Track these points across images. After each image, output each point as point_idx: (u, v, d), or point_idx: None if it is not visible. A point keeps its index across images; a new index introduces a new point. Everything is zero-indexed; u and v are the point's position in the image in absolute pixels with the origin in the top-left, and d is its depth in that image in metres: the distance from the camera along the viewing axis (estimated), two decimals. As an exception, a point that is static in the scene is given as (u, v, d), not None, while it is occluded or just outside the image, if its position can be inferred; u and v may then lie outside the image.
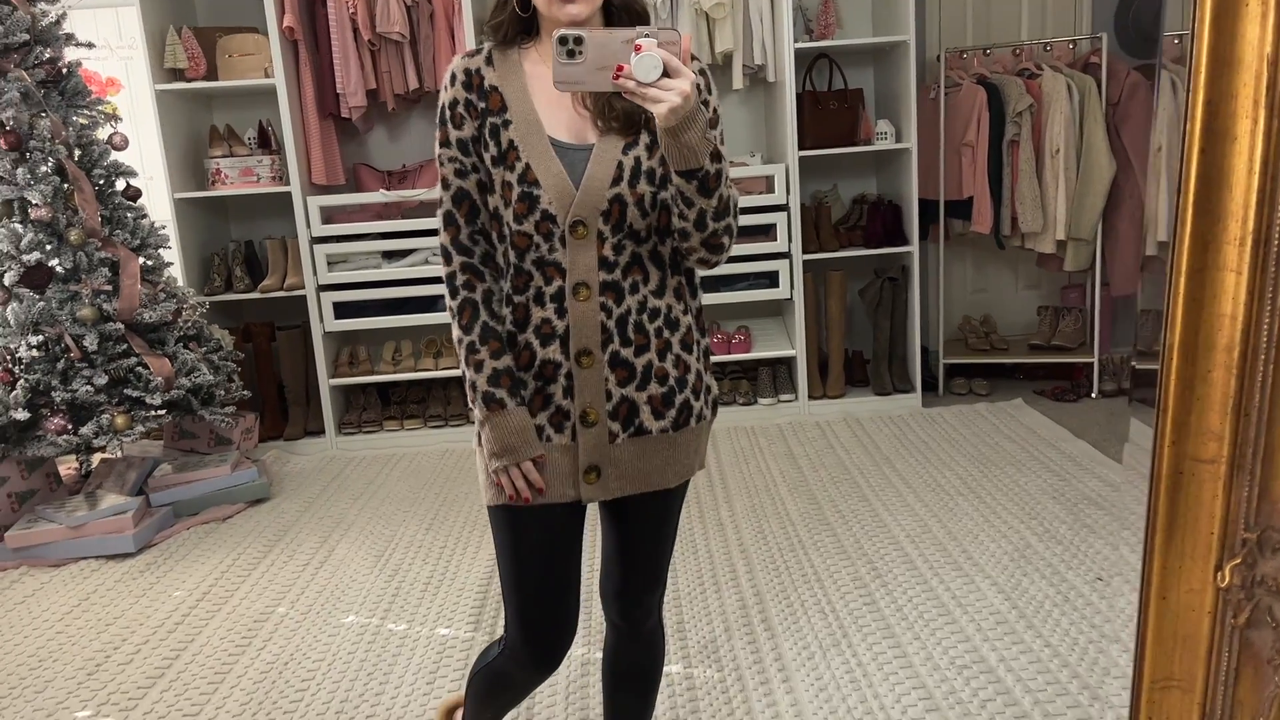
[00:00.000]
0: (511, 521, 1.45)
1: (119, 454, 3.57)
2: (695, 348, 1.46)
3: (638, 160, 1.37)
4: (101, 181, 3.48)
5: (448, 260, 1.41)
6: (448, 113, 1.40)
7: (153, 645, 2.53)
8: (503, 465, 1.38)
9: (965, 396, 4.38)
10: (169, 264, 3.64)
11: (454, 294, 1.40)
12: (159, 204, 4.04)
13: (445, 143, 1.40)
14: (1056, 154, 4.08)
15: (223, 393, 3.62)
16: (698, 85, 1.24)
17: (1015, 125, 4.12)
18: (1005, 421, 3.94)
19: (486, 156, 1.38)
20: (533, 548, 1.45)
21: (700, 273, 1.49)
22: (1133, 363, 4.25)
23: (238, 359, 3.82)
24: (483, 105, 1.38)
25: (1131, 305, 4.70)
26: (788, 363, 4.38)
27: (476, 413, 1.40)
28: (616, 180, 1.35)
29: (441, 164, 1.40)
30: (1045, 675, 2.14)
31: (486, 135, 1.37)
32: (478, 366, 1.38)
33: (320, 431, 4.20)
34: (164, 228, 3.68)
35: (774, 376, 4.35)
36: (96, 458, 3.71)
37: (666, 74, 1.17)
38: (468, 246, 1.41)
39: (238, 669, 2.39)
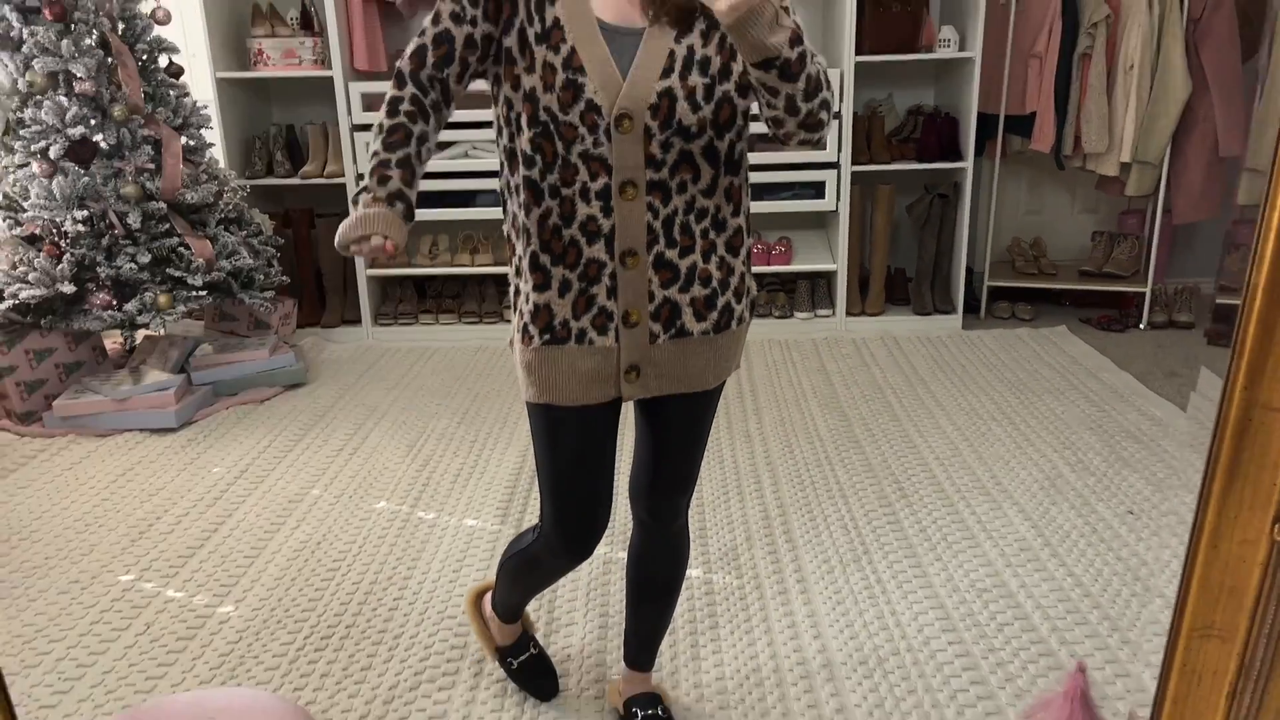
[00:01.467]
0: (550, 419, 1.46)
1: (162, 332, 3.63)
2: (740, 250, 1.43)
3: (690, 49, 1.29)
4: (144, 57, 3.45)
5: (399, 85, 1.34)
6: None
7: (193, 518, 2.61)
8: (353, 239, 1.27)
9: (1008, 320, 4.29)
10: (210, 145, 3.62)
11: (392, 114, 1.33)
12: (201, 83, 4.00)
13: None
14: (1130, 70, 3.88)
15: (262, 277, 3.65)
16: None
17: (1089, 37, 3.92)
18: (1047, 349, 3.87)
19: (516, 32, 1.29)
20: (570, 444, 1.46)
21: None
22: (1216, 298, 4.13)
23: (277, 244, 3.83)
24: None
25: (1192, 234, 4.55)
26: (827, 277, 4.31)
27: (353, 211, 1.30)
28: (667, 71, 1.28)
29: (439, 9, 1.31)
30: (1066, 604, 2.14)
31: (531, 7, 1.29)
32: (382, 179, 1.30)
33: (357, 321, 4.23)
34: (205, 108, 3.65)
35: (813, 290, 4.29)
36: (140, 334, 3.77)
37: None
38: (424, 85, 1.33)
39: (272, 545, 2.46)
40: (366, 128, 3.98)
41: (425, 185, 4.03)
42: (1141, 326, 4.15)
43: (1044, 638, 2.03)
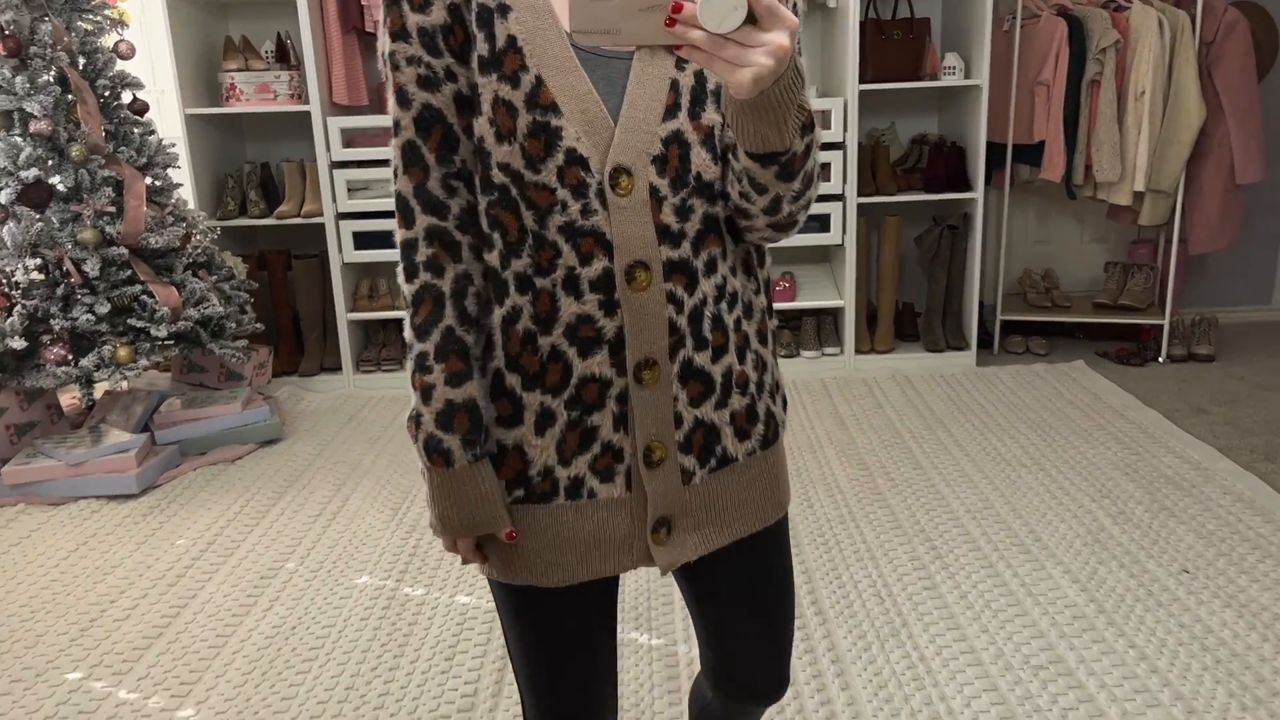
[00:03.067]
0: (525, 601, 1.06)
1: (124, 386, 3.37)
2: (769, 336, 1.10)
3: (699, 76, 0.96)
4: (106, 93, 3.23)
5: (406, 221, 0.96)
6: None
7: (151, 600, 2.35)
8: (447, 537, 1.00)
9: (1022, 356, 4.10)
10: (178, 185, 3.39)
11: (411, 275, 0.96)
12: (169, 120, 3.79)
13: (400, 33, 0.92)
14: (1141, 96, 3.73)
15: (234, 325, 3.40)
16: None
17: (1098, 63, 3.77)
18: (1067, 385, 3.67)
19: (472, 57, 0.93)
20: (555, 635, 1.07)
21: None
22: None
23: (251, 289, 3.59)
24: None
25: (1204, 263, 4.39)
26: (834, 314, 4.11)
27: (419, 457, 0.99)
28: (673, 109, 0.95)
29: (396, 66, 0.93)
30: (1133, 682, 1.91)
31: (472, 24, 0.92)
32: (426, 392, 0.95)
33: (337, 368, 3.99)
34: (173, 146, 3.43)
35: (819, 328, 4.08)
36: (100, 389, 3.52)
37: (751, 17, 0.75)
38: (439, 200, 0.95)
39: (240, 632, 2.20)
40: (346, 164, 3.77)
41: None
42: (1161, 360, 3.96)
43: (1115, 725, 1.80)
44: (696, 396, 1.01)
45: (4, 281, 3.01)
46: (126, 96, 3.30)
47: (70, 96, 3.10)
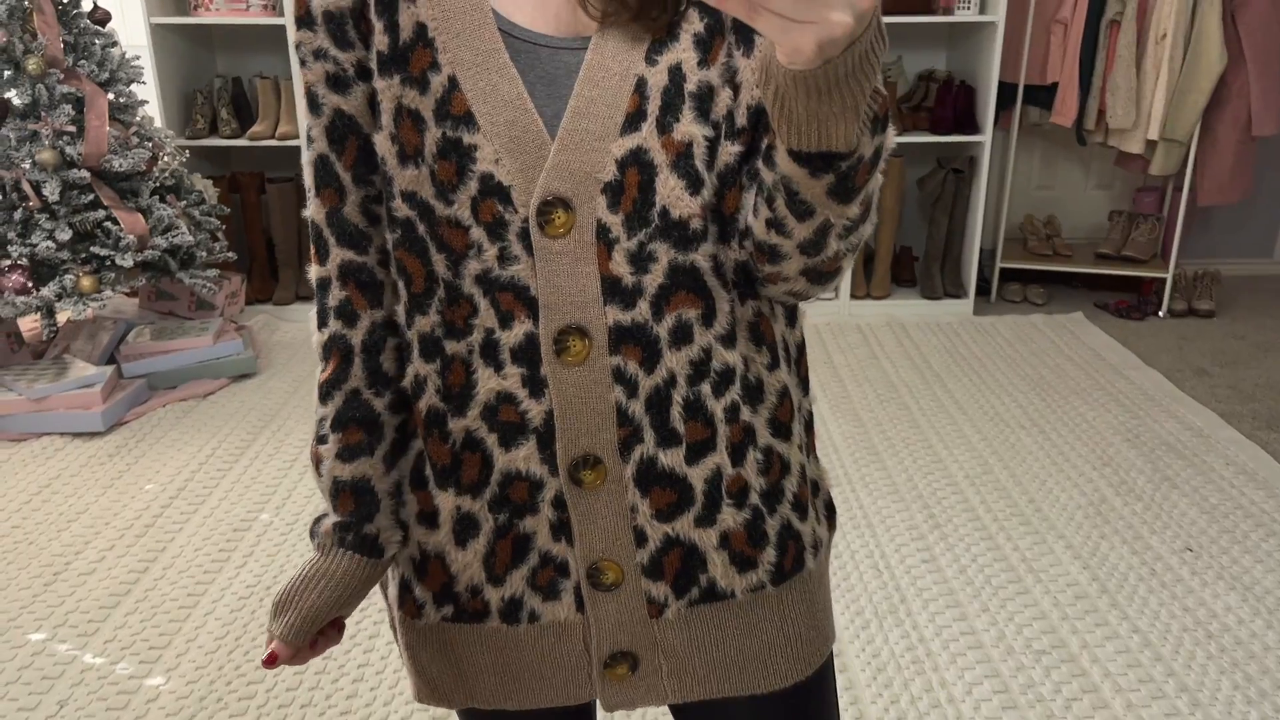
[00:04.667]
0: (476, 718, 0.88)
1: (88, 315, 3.21)
2: (793, 426, 0.81)
3: (677, 71, 0.71)
4: (65, 2, 2.98)
5: (320, 254, 0.79)
6: None
7: (118, 553, 2.25)
8: (278, 622, 0.80)
9: (1020, 305, 4.00)
10: (144, 102, 3.17)
11: (321, 321, 0.80)
12: (133, 30, 3.54)
13: (305, 18, 0.74)
14: (1163, 39, 3.56)
15: (205, 253, 3.23)
16: None
17: (1119, 2, 3.58)
18: (1066, 339, 3.59)
19: (373, 49, 0.74)
20: None
21: None
22: None
23: (223, 214, 3.40)
24: None
25: (1209, 215, 4.28)
26: (830, 256, 3.97)
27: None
28: (635, 117, 0.71)
29: (304, 62, 0.75)
30: (1137, 670, 1.86)
31: (373, 5, 0.73)
32: (317, 466, 0.80)
33: (313, 296, 3.82)
34: (138, 59, 3.20)
35: (814, 270, 3.95)
36: (62, 317, 3.35)
37: None
38: (357, 230, 0.77)
39: (213, 591, 2.11)
40: (322, 84, 3.54)
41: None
42: (1161, 314, 3.88)
43: (1119, 716, 1.75)
44: (667, 508, 0.77)
45: (-44, 203, 2.81)
46: (87, 4, 3.06)
47: (26, 4, 2.86)
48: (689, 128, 0.71)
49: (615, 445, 0.75)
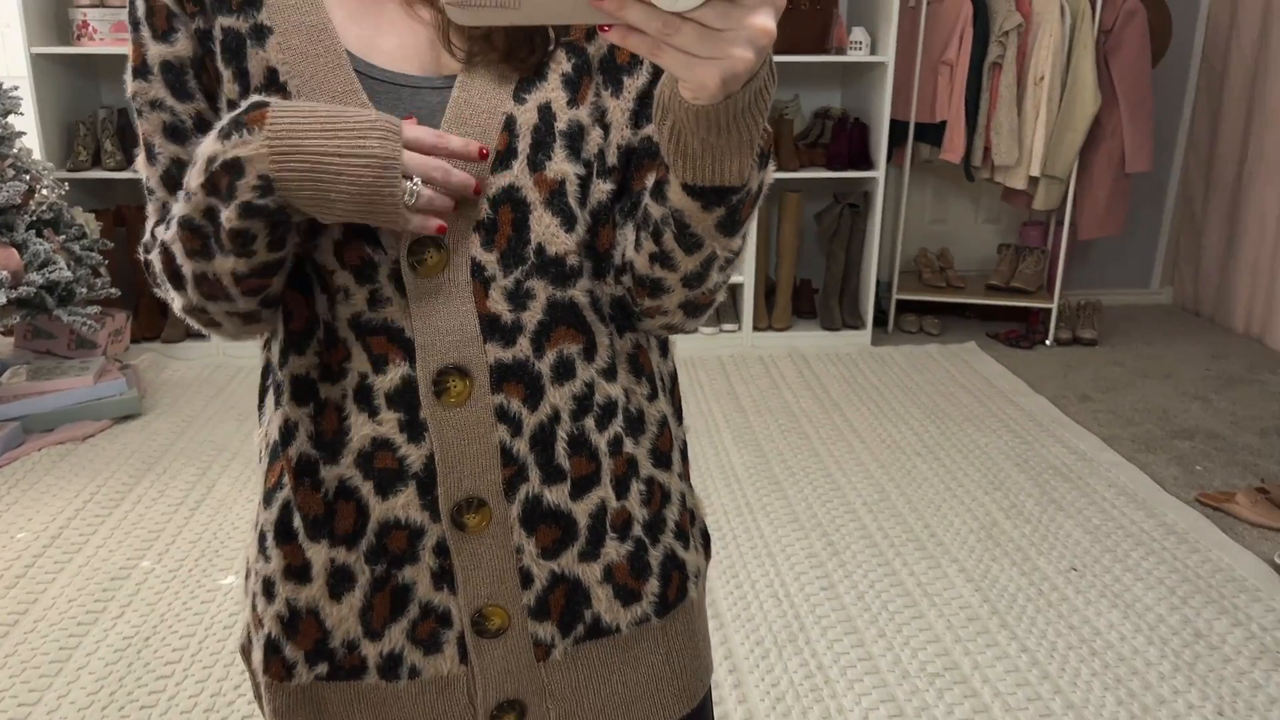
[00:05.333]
0: None
1: (-42, 355, 3.04)
2: (672, 455, 0.82)
3: (547, 109, 0.72)
4: (-68, 25, 2.85)
5: (150, 272, 0.76)
6: (141, 3, 0.71)
7: (-17, 607, 2.12)
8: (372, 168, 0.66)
9: (915, 335, 4.12)
10: (21, 134, 3.04)
11: (155, 273, 0.76)
12: (13, 59, 3.41)
13: (141, 68, 0.72)
14: (1040, 81, 3.74)
15: (85, 289, 3.10)
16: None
17: (1000, 46, 3.76)
18: (959, 368, 3.70)
19: (221, 101, 0.72)
20: None
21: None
22: None
23: (105, 249, 3.28)
24: None
25: (1091, 247, 4.49)
26: (733, 289, 4.03)
27: (199, 177, 0.67)
28: (506, 156, 0.71)
29: (139, 112, 0.73)
30: (1025, 689, 1.91)
31: (219, 54, 0.71)
32: (167, 258, 0.73)
33: (204, 334, 3.70)
34: (16, 89, 3.07)
35: (717, 303, 4.00)
36: (-69, 357, 3.17)
37: None
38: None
39: (87, 644, 2.00)
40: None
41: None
42: (1048, 343, 4.04)
43: (1009, 736, 1.79)
44: (552, 545, 0.76)
45: None
46: (-43, 29, 2.93)
47: (-113, 27, 2.72)
48: (561, 165, 0.72)
49: (500, 486, 0.74)
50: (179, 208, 0.69)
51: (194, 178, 0.67)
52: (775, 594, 2.21)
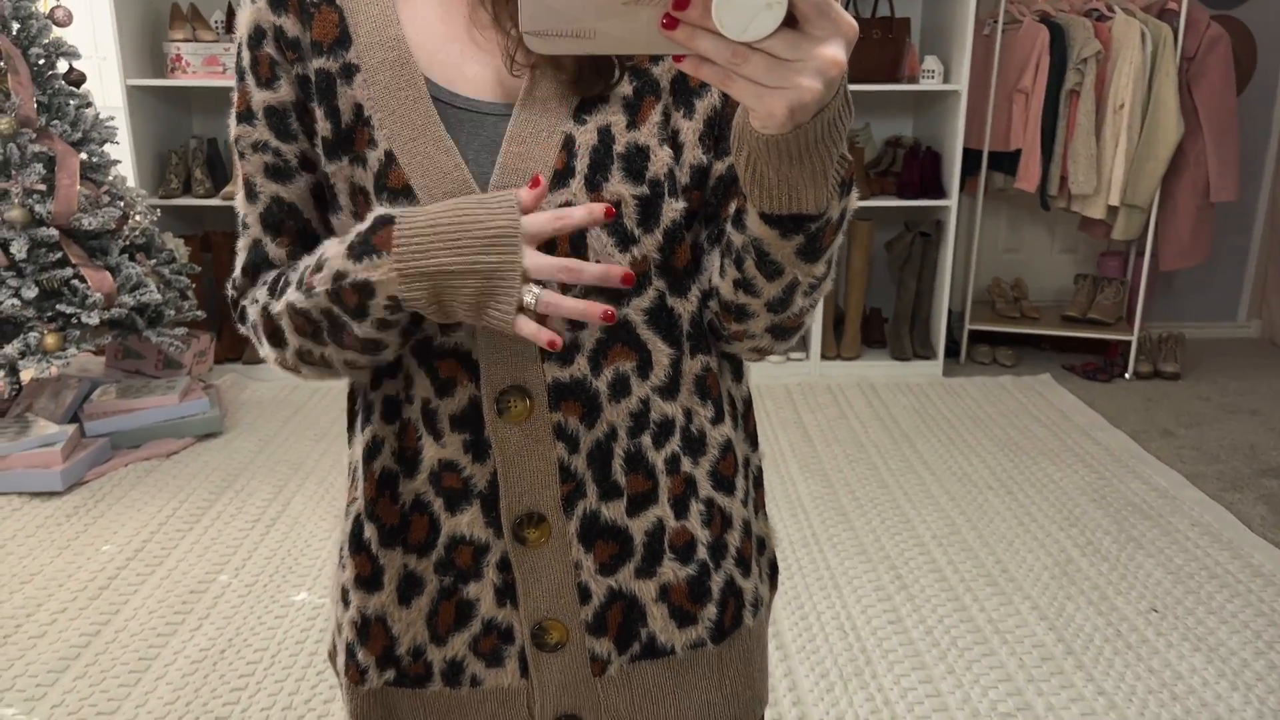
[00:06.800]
0: None
1: (53, 372, 3.18)
2: (736, 480, 0.82)
3: (606, 132, 0.73)
4: (40, 62, 3.01)
5: (240, 312, 0.81)
6: (247, 54, 0.75)
7: (70, 615, 2.20)
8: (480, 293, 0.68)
9: (989, 367, 4.04)
10: (116, 162, 3.19)
11: (243, 318, 0.81)
12: (110, 91, 3.58)
13: (245, 114, 0.76)
14: (1121, 109, 3.66)
15: (173, 311, 3.22)
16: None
17: (1078, 73, 3.69)
18: (1033, 400, 3.62)
19: (318, 137, 0.75)
20: None
21: None
22: None
23: (193, 273, 3.41)
24: (304, 36, 0.74)
25: (1174, 279, 4.36)
26: (801, 317, 4.01)
27: (316, 299, 0.71)
28: (563, 174, 0.72)
29: (242, 154, 0.77)
30: (1102, 734, 1.85)
31: (315, 95, 0.74)
32: (266, 317, 0.76)
33: (285, 357, 3.81)
34: (112, 119, 3.22)
35: (785, 331, 3.99)
36: (26, 375, 3.32)
37: (791, 18, 0.52)
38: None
39: (165, 655, 2.06)
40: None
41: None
42: (1127, 376, 3.93)
43: (1084, 782, 1.73)
44: (609, 561, 0.77)
45: (-79, 260, 2.80)
46: (62, 65, 3.09)
47: (1, 65, 2.89)
48: (617, 187, 0.73)
49: (558, 501, 0.76)
50: (294, 294, 0.72)
51: (318, 282, 0.70)
52: (841, 627, 2.18)
